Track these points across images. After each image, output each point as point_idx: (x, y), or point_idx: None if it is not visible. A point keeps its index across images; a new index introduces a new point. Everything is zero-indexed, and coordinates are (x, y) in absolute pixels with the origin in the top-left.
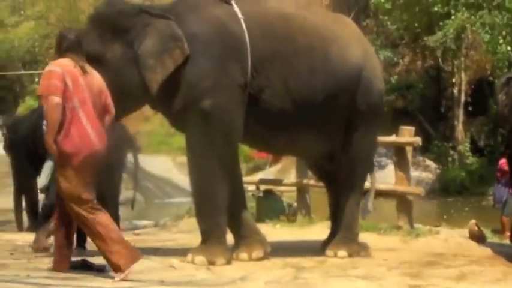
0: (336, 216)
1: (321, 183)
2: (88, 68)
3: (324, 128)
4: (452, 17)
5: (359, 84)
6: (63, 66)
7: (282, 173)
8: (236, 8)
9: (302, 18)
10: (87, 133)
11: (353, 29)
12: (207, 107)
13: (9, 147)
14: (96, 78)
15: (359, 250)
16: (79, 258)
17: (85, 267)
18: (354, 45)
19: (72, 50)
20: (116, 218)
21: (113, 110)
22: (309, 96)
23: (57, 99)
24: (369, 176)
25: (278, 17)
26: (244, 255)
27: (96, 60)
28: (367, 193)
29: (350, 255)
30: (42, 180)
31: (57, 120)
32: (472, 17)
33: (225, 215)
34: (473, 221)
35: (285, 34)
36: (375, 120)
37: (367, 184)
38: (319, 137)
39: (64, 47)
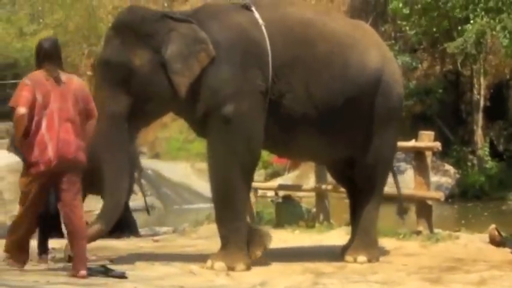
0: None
1: (340, 189)
2: (64, 76)
3: (344, 133)
4: (471, 22)
5: (378, 89)
6: (34, 80)
7: (301, 179)
8: (257, 15)
9: (321, 24)
10: (45, 146)
11: (371, 34)
12: (229, 113)
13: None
14: (72, 86)
15: (378, 255)
16: (99, 265)
17: (105, 273)
18: (373, 51)
19: (49, 59)
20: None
21: (95, 114)
22: (329, 101)
23: (23, 110)
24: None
25: (298, 23)
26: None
27: (122, 67)
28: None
29: (369, 261)
30: None
31: (21, 130)
32: (492, 21)
33: (245, 221)
34: (493, 226)
35: (305, 40)
36: (394, 125)
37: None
38: (339, 142)
39: (41, 57)
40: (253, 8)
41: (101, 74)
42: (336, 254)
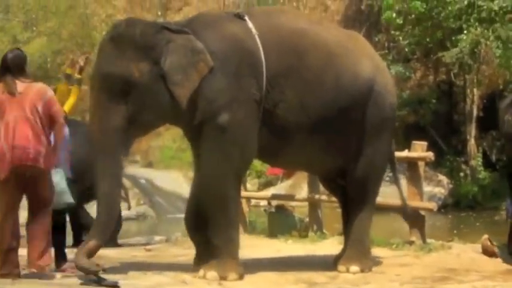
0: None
1: (333, 199)
2: (23, 86)
3: (336, 142)
4: (465, 32)
5: (370, 99)
6: None
7: (294, 188)
8: (250, 24)
9: (314, 34)
10: (4, 155)
11: (364, 44)
12: (224, 122)
13: None
14: (30, 94)
15: (371, 265)
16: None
17: (98, 282)
18: (365, 61)
19: (8, 71)
20: None
21: (59, 118)
22: (321, 111)
23: None
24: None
25: (291, 33)
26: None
27: (122, 80)
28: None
29: (362, 270)
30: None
31: None
32: (485, 31)
33: (238, 230)
34: (486, 236)
35: (297, 50)
36: (387, 135)
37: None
38: (331, 151)
39: (3, 68)
40: (246, 18)
41: (98, 87)
42: (329, 264)
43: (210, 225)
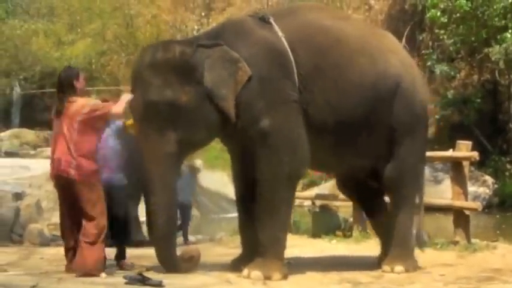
0: (386, 232)
1: None
2: (68, 103)
3: (365, 143)
4: (510, 31)
5: (398, 96)
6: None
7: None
8: (276, 27)
9: (338, 30)
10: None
11: (390, 40)
12: (265, 127)
13: None
14: (69, 112)
15: (416, 265)
16: (136, 273)
17: (142, 282)
18: (392, 57)
19: (59, 88)
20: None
21: (103, 114)
22: (347, 110)
23: None
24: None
25: (315, 31)
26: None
27: (170, 107)
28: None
29: (407, 270)
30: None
31: None
32: None
33: (286, 233)
34: None
35: (322, 47)
36: (420, 133)
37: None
38: (361, 152)
39: (57, 87)
40: (271, 20)
41: (145, 117)
42: (373, 264)
43: (259, 225)
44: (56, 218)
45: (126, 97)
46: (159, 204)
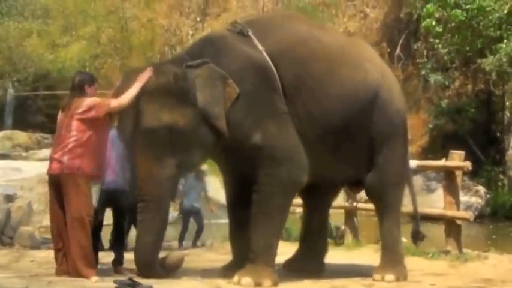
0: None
1: (368, 206)
2: (72, 103)
3: (347, 153)
4: (505, 41)
5: (377, 105)
6: None
7: None
8: (255, 40)
9: (316, 40)
10: None
11: (367, 49)
12: (257, 142)
13: None
14: (70, 111)
15: (406, 273)
16: (127, 278)
17: (132, 286)
18: (370, 66)
19: (74, 91)
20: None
21: (99, 116)
22: (327, 121)
23: None
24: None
25: (295, 42)
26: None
27: (168, 131)
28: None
29: (397, 279)
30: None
31: None
32: None
33: (278, 240)
34: None
35: (304, 59)
36: (399, 141)
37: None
38: (343, 162)
39: (70, 89)
40: (250, 33)
41: (144, 143)
42: (364, 272)
43: (252, 230)
44: (47, 220)
45: (134, 90)
46: (151, 223)
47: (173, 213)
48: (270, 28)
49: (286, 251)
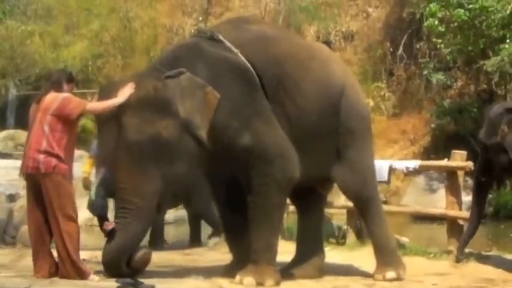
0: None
1: None
2: (45, 97)
3: (321, 151)
4: (508, 41)
5: (343, 102)
6: None
7: (332, 196)
8: (228, 44)
9: (286, 41)
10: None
11: (328, 50)
12: (246, 144)
13: None
14: (44, 104)
15: (404, 266)
16: (129, 278)
17: (135, 286)
18: (335, 66)
19: (50, 86)
20: None
21: (72, 117)
22: (305, 119)
23: None
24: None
25: (267, 43)
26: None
27: (151, 144)
28: None
29: (398, 274)
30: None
31: None
32: None
33: (278, 238)
34: None
35: (278, 59)
36: (366, 134)
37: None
38: (315, 160)
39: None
40: (221, 37)
41: (128, 157)
42: (366, 272)
43: (251, 231)
44: None
45: (115, 100)
46: (125, 227)
47: (176, 212)
48: (239, 31)
49: (288, 250)
